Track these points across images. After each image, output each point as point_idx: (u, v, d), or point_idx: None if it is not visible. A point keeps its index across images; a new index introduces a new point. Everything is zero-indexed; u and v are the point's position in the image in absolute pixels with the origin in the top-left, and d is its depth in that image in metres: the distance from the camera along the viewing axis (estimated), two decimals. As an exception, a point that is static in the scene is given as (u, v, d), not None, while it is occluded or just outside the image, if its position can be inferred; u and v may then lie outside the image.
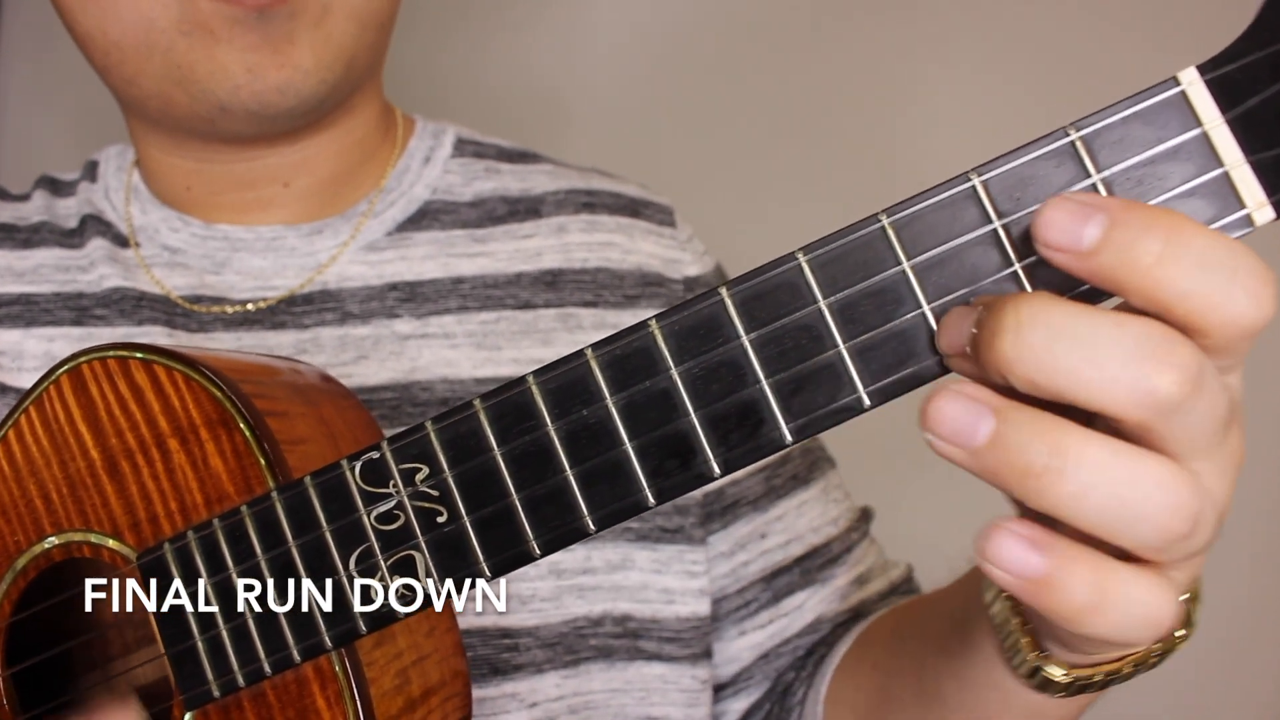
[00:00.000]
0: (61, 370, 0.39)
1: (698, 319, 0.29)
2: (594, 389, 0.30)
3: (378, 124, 0.62)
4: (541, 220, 0.61)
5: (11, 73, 1.23)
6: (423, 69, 1.09)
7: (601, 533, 0.54)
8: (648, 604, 0.55)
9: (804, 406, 0.29)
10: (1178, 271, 0.24)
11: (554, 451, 0.31)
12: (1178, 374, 0.24)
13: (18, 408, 0.40)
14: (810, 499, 0.61)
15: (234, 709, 0.35)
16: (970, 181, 0.28)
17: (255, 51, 0.50)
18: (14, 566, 0.39)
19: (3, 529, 0.39)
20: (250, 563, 0.34)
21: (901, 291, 0.28)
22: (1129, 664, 0.33)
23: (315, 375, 0.42)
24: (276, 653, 0.34)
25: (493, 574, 0.32)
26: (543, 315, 0.58)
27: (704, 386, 0.29)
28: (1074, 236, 0.25)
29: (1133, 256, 0.24)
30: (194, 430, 0.36)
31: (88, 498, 0.38)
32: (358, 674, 0.34)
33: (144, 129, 0.59)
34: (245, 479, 0.36)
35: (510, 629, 0.52)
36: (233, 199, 0.59)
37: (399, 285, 0.58)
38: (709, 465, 0.30)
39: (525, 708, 0.51)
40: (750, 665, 0.59)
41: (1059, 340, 0.25)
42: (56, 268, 0.58)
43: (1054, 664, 0.34)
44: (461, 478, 0.32)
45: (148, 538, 0.37)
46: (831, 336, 0.29)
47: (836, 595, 0.59)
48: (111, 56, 0.53)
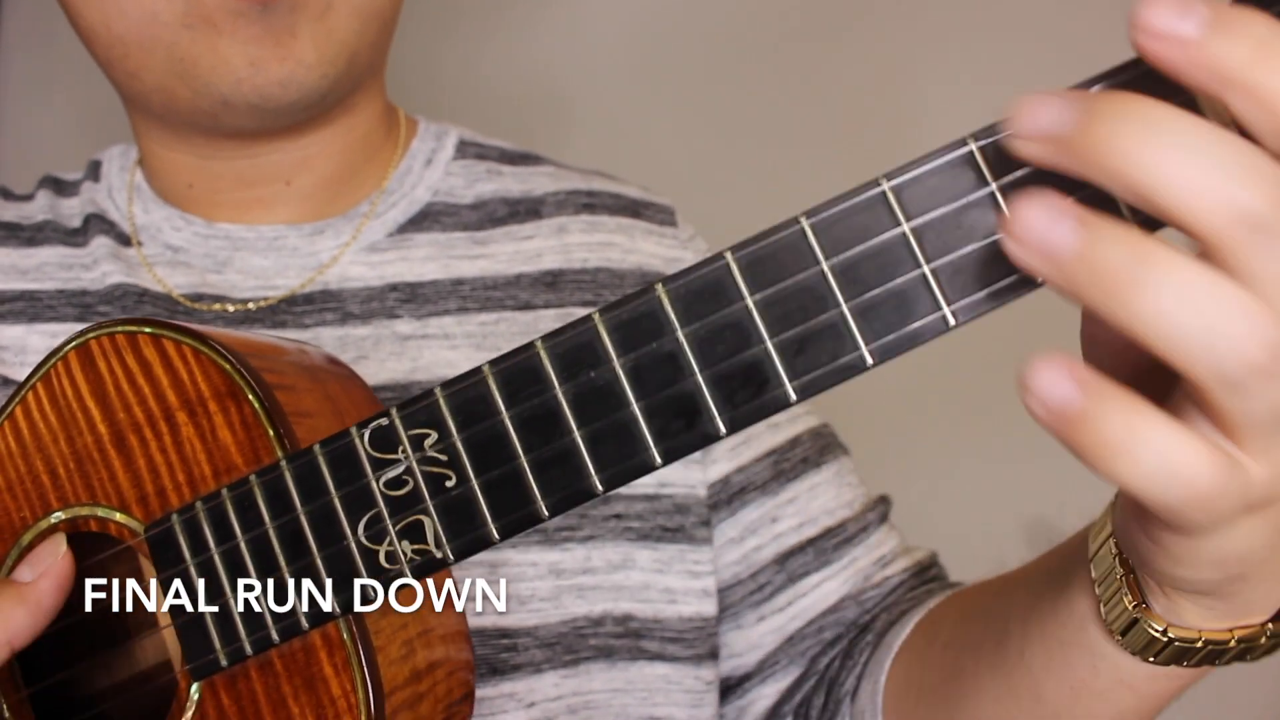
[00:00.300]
0: (70, 346, 0.39)
1: (703, 282, 0.30)
2: (601, 352, 0.31)
3: (380, 123, 0.62)
4: (542, 221, 0.61)
5: (11, 69, 1.24)
6: (422, 69, 1.10)
7: (602, 533, 0.55)
8: (650, 604, 0.54)
9: (807, 365, 0.30)
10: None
11: (561, 414, 0.31)
12: (1271, 189, 0.23)
13: (25, 385, 0.40)
14: (823, 482, 0.60)
15: (241, 678, 0.36)
16: (968, 146, 0.29)
17: (257, 45, 0.51)
18: (20, 542, 0.39)
19: (9, 505, 0.40)
20: (259, 531, 0.35)
21: (901, 252, 0.29)
22: (1235, 637, 0.32)
23: (321, 356, 0.42)
24: (284, 620, 0.34)
25: (501, 535, 0.32)
26: (543, 316, 0.58)
27: (709, 348, 0.30)
28: (1176, 25, 0.24)
29: (1228, 51, 0.23)
30: (202, 403, 0.37)
31: (95, 472, 0.38)
32: (365, 641, 0.34)
33: (146, 125, 0.59)
34: (254, 450, 0.36)
35: (509, 629, 0.52)
36: (234, 197, 0.59)
37: (399, 286, 0.58)
38: (714, 424, 0.30)
39: (523, 707, 0.51)
40: (775, 650, 0.58)
41: (1158, 133, 0.24)
42: (60, 265, 0.59)
43: (1153, 619, 0.33)
44: (470, 441, 0.32)
45: (155, 510, 0.37)
46: (834, 296, 0.29)
47: (859, 576, 0.58)
48: (115, 51, 0.53)
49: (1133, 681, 0.36)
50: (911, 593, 0.57)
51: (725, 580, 0.58)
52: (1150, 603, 0.33)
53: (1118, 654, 0.35)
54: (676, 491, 0.57)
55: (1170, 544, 0.29)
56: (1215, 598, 0.31)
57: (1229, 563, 0.29)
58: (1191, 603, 0.32)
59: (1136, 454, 0.25)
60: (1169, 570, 0.30)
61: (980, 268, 0.29)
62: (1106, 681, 0.37)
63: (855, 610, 0.57)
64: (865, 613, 0.57)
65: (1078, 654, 0.37)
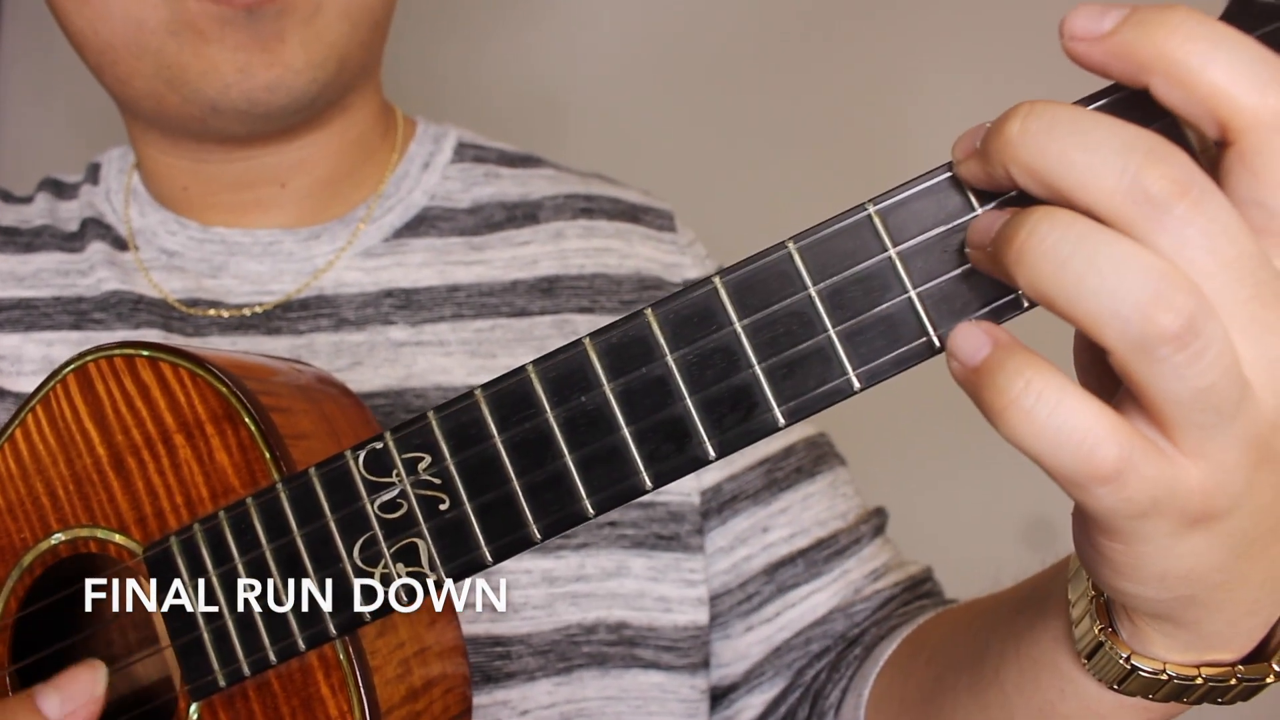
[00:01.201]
0: (68, 369, 0.40)
1: (692, 307, 0.30)
2: (592, 376, 0.31)
3: (375, 124, 0.62)
4: (539, 226, 0.61)
5: (10, 73, 1.24)
6: (419, 71, 1.10)
7: (596, 540, 0.55)
8: (644, 612, 0.54)
9: (796, 389, 0.30)
10: (1194, 56, 0.25)
11: (553, 438, 0.31)
12: (1167, 170, 0.24)
13: (24, 408, 0.40)
14: (816, 492, 0.60)
15: (239, 699, 0.36)
16: (953, 172, 0.29)
17: (245, 50, 0.51)
18: (20, 563, 0.40)
19: (9, 526, 0.40)
20: (255, 553, 0.35)
21: (888, 277, 0.29)
22: (1201, 675, 0.31)
23: (315, 375, 0.42)
24: (281, 641, 0.35)
25: (494, 559, 0.32)
26: (538, 322, 0.58)
27: (698, 372, 0.30)
28: (1096, 25, 0.26)
29: (1140, 37, 0.25)
30: (199, 426, 0.37)
31: (94, 494, 0.39)
32: (361, 662, 0.35)
33: (141, 129, 0.59)
34: (250, 473, 0.36)
35: (502, 636, 0.52)
36: (229, 199, 0.59)
37: (395, 292, 0.58)
38: (704, 448, 0.30)
39: (517, 715, 0.52)
40: (761, 661, 0.58)
41: (1057, 126, 0.25)
42: (56, 272, 0.59)
43: (1117, 644, 0.32)
44: (463, 465, 0.32)
45: (154, 532, 0.38)
46: (821, 321, 0.30)
47: (849, 588, 0.58)
48: (105, 56, 0.53)
49: (1099, 709, 0.36)
50: (904, 608, 0.57)
51: (714, 589, 0.58)
52: (1117, 628, 0.33)
53: (1085, 679, 0.35)
54: (671, 499, 0.57)
55: (1106, 549, 0.28)
56: (1172, 623, 0.30)
57: (1173, 580, 0.28)
58: (1153, 629, 0.31)
59: (1033, 410, 0.25)
60: (1114, 583, 0.29)
61: (967, 291, 0.29)
62: (1073, 707, 0.36)
63: (844, 623, 0.57)
64: (854, 626, 0.57)
65: (1048, 676, 0.37)
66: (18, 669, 0.40)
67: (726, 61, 1.13)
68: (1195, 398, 0.25)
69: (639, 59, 1.16)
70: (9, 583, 0.40)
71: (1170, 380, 0.24)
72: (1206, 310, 0.24)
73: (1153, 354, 0.24)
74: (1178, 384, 0.24)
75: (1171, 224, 0.24)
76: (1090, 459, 0.25)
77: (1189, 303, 0.24)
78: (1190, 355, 0.24)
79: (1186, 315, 0.24)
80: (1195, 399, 0.25)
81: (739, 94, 1.13)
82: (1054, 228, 0.25)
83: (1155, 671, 0.32)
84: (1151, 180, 0.24)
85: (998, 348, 0.26)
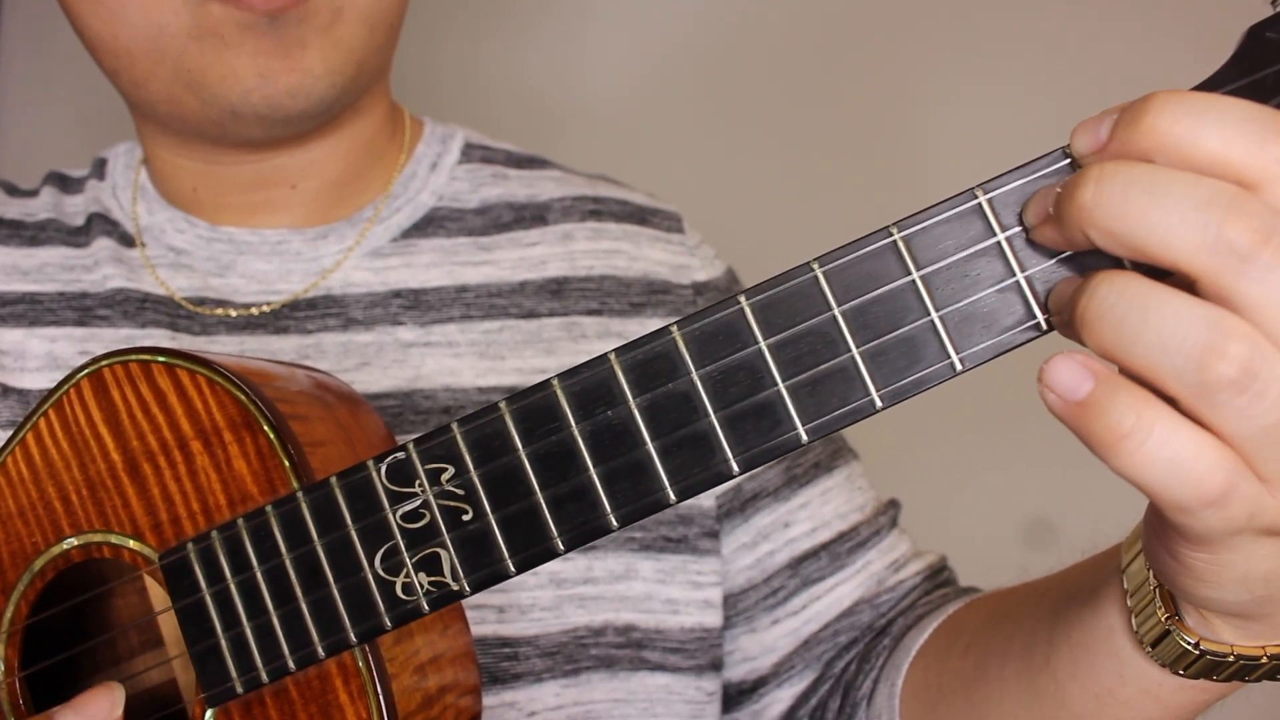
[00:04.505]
0: (82, 374, 0.39)
1: (717, 325, 0.31)
2: (617, 391, 0.32)
3: (384, 125, 0.62)
4: (547, 228, 0.61)
5: (11, 69, 1.23)
6: (419, 71, 1.09)
7: (604, 543, 0.55)
8: (652, 614, 0.55)
9: (819, 408, 0.30)
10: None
11: (577, 451, 0.32)
12: (1249, 221, 0.25)
13: (36, 412, 0.40)
14: (834, 486, 0.60)
15: (256, 705, 0.36)
16: (976, 199, 0.30)
17: (266, 56, 0.51)
18: (31, 568, 0.40)
19: (21, 531, 0.40)
20: (275, 561, 0.35)
21: (910, 300, 0.30)
22: (1267, 654, 0.32)
23: (331, 382, 0.43)
24: (301, 649, 0.35)
25: (517, 570, 0.33)
26: (547, 324, 0.58)
27: (723, 389, 0.31)
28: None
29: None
30: (217, 433, 0.37)
31: (108, 499, 0.39)
32: (380, 669, 0.35)
33: (152, 130, 0.59)
34: (269, 480, 0.37)
35: (509, 638, 0.52)
36: (239, 201, 0.59)
37: (403, 292, 0.58)
38: (728, 464, 0.31)
39: (524, 716, 0.52)
40: (790, 654, 0.58)
41: (1133, 186, 0.26)
42: (61, 267, 0.59)
43: (1185, 631, 0.33)
44: (486, 477, 0.33)
45: (169, 538, 0.38)
46: (845, 341, 0.30)
47: (872, 579, 0.59)
48: (121, 60, 0.53)
49: (1159, 692, 0.37)
50: (927, 596, 0.58)
51: (739, 585, 0.59)
52: (1184, 616, 0.34)
53: (1146, 664, 0.36)
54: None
55: (1190, 560, 0.30)
56: (1248, 619, 0.32)
57: (1254, 582, 0.29)
58: (1224, 623, 0.32)
59: (1145, 444, 0.26)
60: (1194, 590, 0.31)
61: (988, 315, 0.30)
62: (1132, 690, 0.38)
63: (870, 614, 0.58)
64: (880, 616, 0.58)
65: (1105, 662, 0.38)
66: (27, 675, 0.40)
67: (726, 61, 1.14)
68: (1262, 434, 0.26)
69: (638, 60, 1.16)
70: (20, 586, 0.40)
71: (1236, 421, 0.26)
72: (1264, 352, 0.25)
73: (1213, 399, 0.25)
74: (1244, 424, 0.26)
75: (1257, 272, 0.25)
76: (1199, 486, 0.26)
77: (1242, 349, 0.25)
78: (1251, 397, 0.25)
79: (1241, 361, 0.25)
80: (1263, 435, 0.26)
81: (739, 94, 1.14)
82: (1111, 290, 0.26)
83: (1223, 655, 0.33)
84: (1235, 233, 0.25)
85: (1101, 382, 0.27)
